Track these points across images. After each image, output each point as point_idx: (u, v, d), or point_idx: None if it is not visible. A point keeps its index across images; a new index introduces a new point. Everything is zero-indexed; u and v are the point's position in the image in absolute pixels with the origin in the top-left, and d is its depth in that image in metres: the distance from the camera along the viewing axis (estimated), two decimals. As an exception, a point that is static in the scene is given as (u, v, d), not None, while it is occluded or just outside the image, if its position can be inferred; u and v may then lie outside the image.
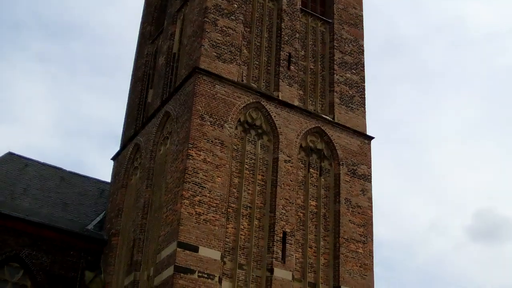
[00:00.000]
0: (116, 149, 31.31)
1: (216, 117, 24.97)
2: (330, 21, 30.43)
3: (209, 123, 24.71)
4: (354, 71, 29.98)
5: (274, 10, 29.11)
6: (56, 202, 29.98)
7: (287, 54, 28.21)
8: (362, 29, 31.34)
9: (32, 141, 73.95)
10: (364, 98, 29.64)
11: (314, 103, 28.35)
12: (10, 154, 31.91)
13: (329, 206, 26.66)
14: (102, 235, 28.66)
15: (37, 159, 32.84)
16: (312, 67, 29.16)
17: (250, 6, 28.46)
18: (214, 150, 24.39)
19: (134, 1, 72.51)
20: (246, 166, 25.33)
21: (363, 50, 30.84)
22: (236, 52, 26.78)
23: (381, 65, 78.10)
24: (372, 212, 27.25)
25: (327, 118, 28.05)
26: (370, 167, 28.10)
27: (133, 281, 25.12)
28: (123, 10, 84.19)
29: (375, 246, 26.85)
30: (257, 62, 27.65)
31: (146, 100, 30.56)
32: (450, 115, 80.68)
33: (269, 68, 27.85)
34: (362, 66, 30.42)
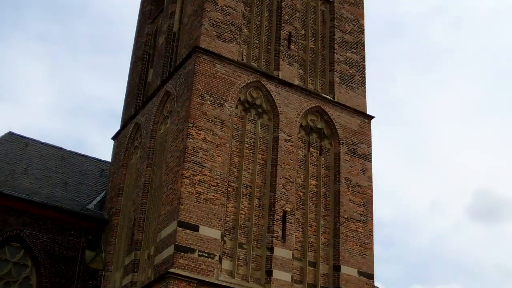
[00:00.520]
0: (116, 128, 31.35)
1: (216, 96, 24.92)
2: (330, 0, 30.28)
3: (209, 102, 24.66)
4: (355, 51, 29.87)
5: (274, -11, 28.93)
6: (56, 181, 30.04)
7: (287, 33, 28.09)
8: (363, 8, 31.16)
9: (32, 120, 74.03)
10: (364, 77, 29.54)
11: (314, 82, 28.28)
12: (10, 134, 31.92)
13: (329, 186, 26.67)
14: (103, 215, 28.75)
15: (37, 139, 32.92)
16: (312, 46, 29.05)
17: (250, -15, 28.31)
18: (214, 129, 24.37)
19: (134, -20, 72.05)
20: (246, 145, 25.32)
21: (364, 30, 30.70)
22: (236, 31, 26.67)
23: (381, 44, 77.90)
24: (372, 191, 27.27)
25: (327, 97, 27.98)
26: (370, 147, 28.09)
27: (133, 260, 25.21)
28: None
29: (375, 225, 26.98)
30: (257, 41, 27.54)
31: (146, 79, 30.51)
32: (451, 95, 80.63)
33: (269, 47, 27.75)
34: (363, 45, 30.29)
